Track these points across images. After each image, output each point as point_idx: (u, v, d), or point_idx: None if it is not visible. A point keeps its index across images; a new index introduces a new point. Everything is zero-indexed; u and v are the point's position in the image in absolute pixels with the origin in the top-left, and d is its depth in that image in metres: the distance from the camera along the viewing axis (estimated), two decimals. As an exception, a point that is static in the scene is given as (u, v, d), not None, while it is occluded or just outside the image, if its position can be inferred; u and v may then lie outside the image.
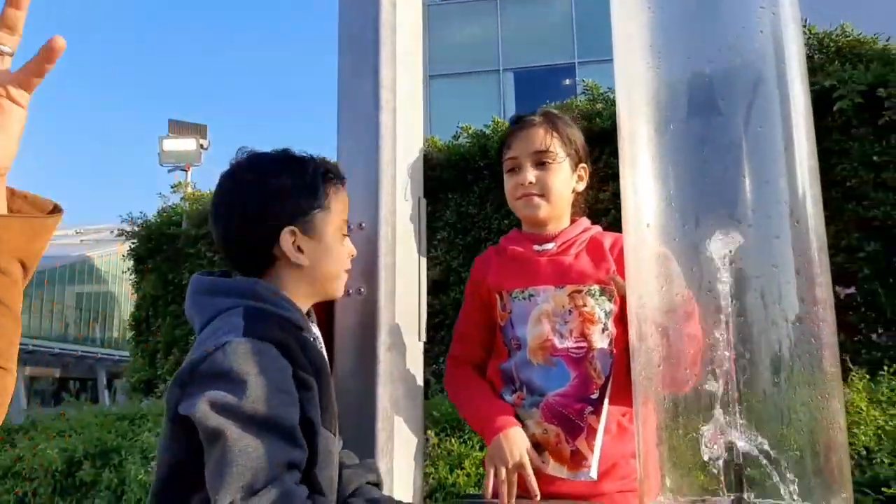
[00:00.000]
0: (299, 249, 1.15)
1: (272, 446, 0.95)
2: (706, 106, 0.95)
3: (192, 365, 1.01)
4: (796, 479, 0.86)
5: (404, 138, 1.44)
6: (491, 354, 1.58)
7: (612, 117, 5.43)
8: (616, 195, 1.56)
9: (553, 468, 1.41)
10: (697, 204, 0.94)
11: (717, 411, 0.92)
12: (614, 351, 1.45)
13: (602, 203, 4.85)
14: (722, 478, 0.92)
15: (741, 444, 0.89)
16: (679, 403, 0.96)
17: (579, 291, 1.46)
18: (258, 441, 0.94)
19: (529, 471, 1.37)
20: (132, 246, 8.27)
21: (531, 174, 1.50)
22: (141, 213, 8.27)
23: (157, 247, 8.07)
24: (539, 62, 16.52)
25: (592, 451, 1.40)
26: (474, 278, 1.61)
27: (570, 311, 1.46)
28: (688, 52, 0.99)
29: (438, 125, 8.74)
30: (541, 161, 1.51)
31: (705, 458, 0.93)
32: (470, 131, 6.47)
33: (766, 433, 0.87)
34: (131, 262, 8.38)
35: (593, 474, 1.39)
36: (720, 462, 0.89)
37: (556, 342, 1.45)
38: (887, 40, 5.03)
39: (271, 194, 1.15)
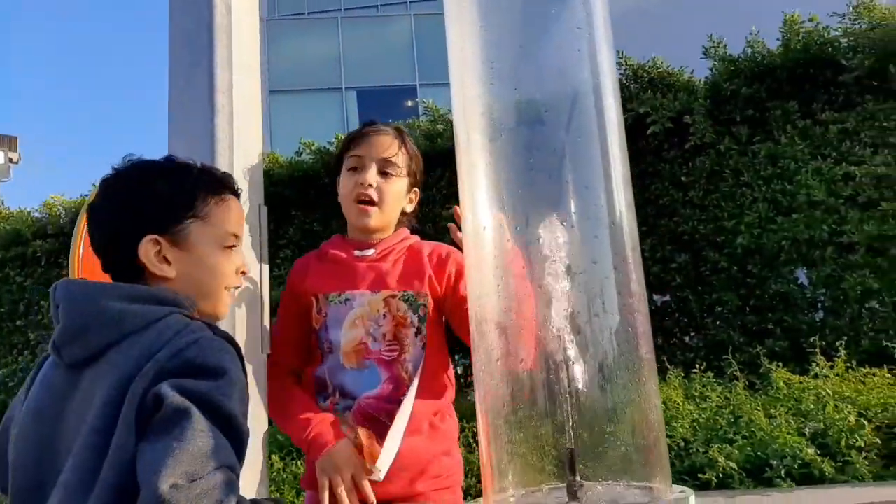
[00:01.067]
0: (165, 260, 1.07)
1: (226, 448, 0.91)
2: (532, 118, 1.02)
3: (163, 360, 0.93)
4: (620, 457, 0.94)
5: (243, 143, 1.41)
6: (307, 360, 1.56)
7: (453, 139, 5.64)
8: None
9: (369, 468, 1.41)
10: (527, 207, 1.00)
11: (547, 397, 0.99)
12: (425, 353, 1.49)
13: (444, 220, 4.99)
14: (556, 463, 0.98)
15: (571, 429, 0.95)
16: (515, 395, 1.01)
17: (394, 297, 1.50)
18: (218, 436, 0.90)
19: (363, 478, 1.38)
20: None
21: (373, 178, 1.52)
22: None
23: (-43, 271, 7.23)
24: (382, 82, 16.73)
25: (386, 451, 1.40)
26: (292, 281, 1.60)
27: (384, 315, 1.49)
28: (514, 67, 1.06)
29: (279, 142, 8.57)
30: (384, 169, 1.54)
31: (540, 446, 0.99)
32: (313, 147, 6.41)
33: (593, 415, 0.94)
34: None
35: (380, 476, 1.39)
36: (554, 449, 0.94)
37: (370, 345, 1.47)
38: (692, 73, 5.62)
39: (143, 199, 1.08)
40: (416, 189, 1.63)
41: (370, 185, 1.51)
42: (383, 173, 1.54)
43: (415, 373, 1.47)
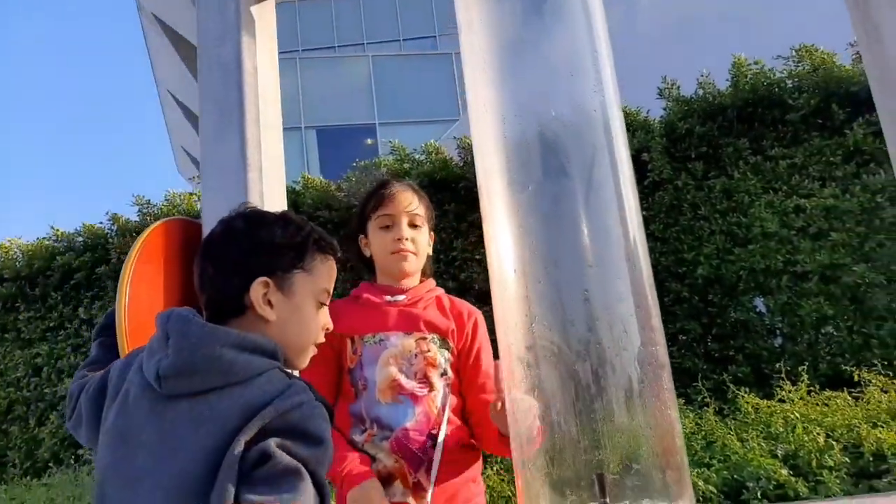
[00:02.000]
0: (269, 303, 1.13)
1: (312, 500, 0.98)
2: (558, 170, 1.13)
3: (268, 418, 0.99)
4: (650, 479, 1.03)
5: (271, 196, 1.49)
6: (340, 398, 1.67)
7: (421, 176, 5.77)
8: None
9: (403, 494, 1.54)
10: (556, 252, 1.11)
11: (578, 425, 1.08)
12: (450, 392, 1.64)
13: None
14: (588, 486, 1.07)
15: (603, 452, 1.05)
16: (545, 421, 1.10)
17: (424, 339, 1.64)
18: (313, 493, 0.98)
19: None
20: None
21: (407, 232, 1.68)
22: None
23: None
24: (341, 121, 16.87)
25: (430, 482, 1.54)
26: None
27: (415, 354, 1.62)
28: (538, 124, 1.18)
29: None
30: (413, 222, 1.70)
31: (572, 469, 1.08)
32: None
33: (623, 440, 1.04)
34: None
35: (428, 500, 1.53)
36: (589, 472, 1.04)
37: (403, 381, 1.60)
38: (647, 112, 5.89)
39: (257, 243, 1.15)
40: (432, 232, 1.79)
41: (407, 239, 1.68)
42: (412, 226, 1.70)
43: (443, 409, 1.61)
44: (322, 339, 1.24)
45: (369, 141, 16.16)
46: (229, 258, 1.16)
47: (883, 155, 5.16)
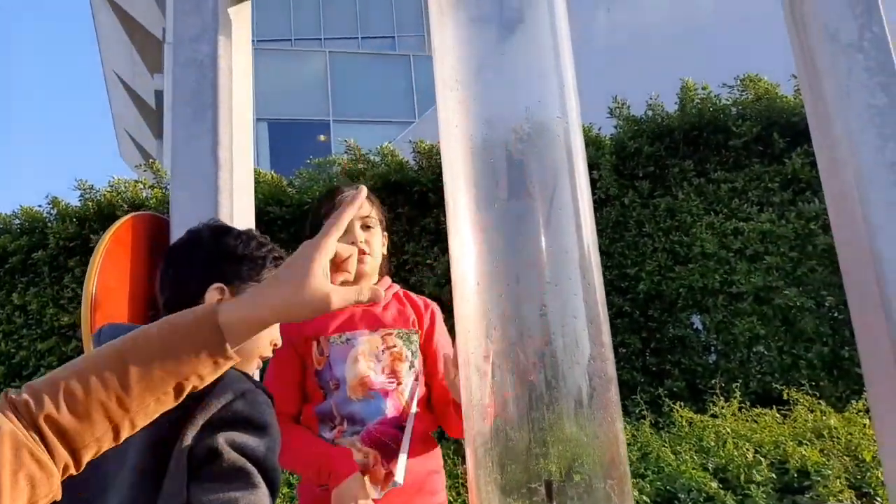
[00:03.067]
0: None
1: (267, 496, 1.01)
2: (522, 190, 1.19)
3: (211, 410, 1.01)
4: (592, 488, 1.10)
5: (240, 194, 1.51)
6: (304, 402, 1.71)
7: (375, 178, 5.79)
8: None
9: (374, 490, 1.59)
10: (517, 267, 1.17)
11: (530, 434, 1.14)
12: (419, 384, 1.71)
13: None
14: (535, 492, 1.13)
15: (552, 459, 1.11)
16: (497, 431, 1.16)
17: (390, 334, 1.71)
18: (264, 488, 1.01)
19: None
20: None
21: (360, 235, 1.72)
22: None
23: None
24: (294, 115, 16.69)
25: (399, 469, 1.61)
26: (287, 330, 1.69)
27: (382, 350, 1.69)
28: (506, 144, 1.23)
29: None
30: (366, 224, 1.76)
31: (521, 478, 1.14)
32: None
33: (571, 449, 1.10)
34: None
35: (399, 480, 1.59)
36: (538, 479, 1.09)
37: (372, 378, 1.66)
38: (599, 129, 6.05)
39: (218, 252, 1.21)
40: (384, 233, 1.85)
41: (361, 242, 1.72)
42: (365, 227, 1.75)
43: (411, 401, 1.68)
44: (269, 354, 1.28)
45: (322, 137, 16.04)
46: (190, 263, 1.21)
47: (818, 184, 5.44)
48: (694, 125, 5.70)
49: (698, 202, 5.52)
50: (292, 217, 5.86)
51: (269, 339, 1.25)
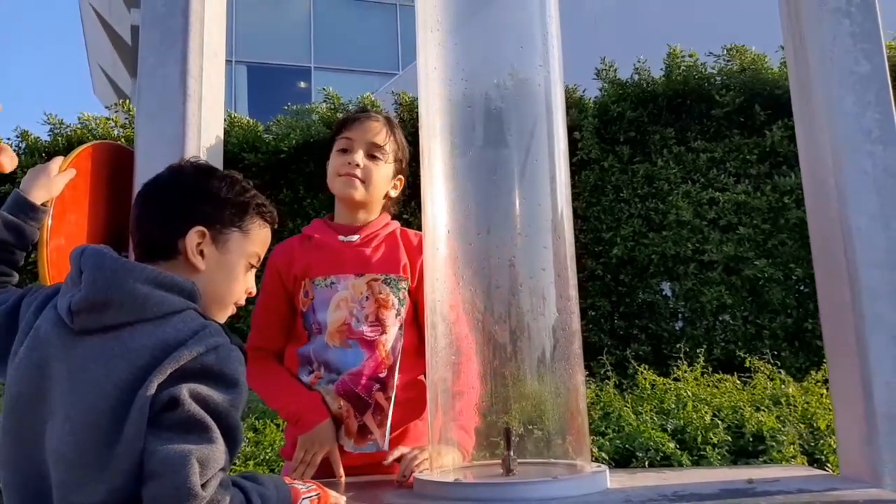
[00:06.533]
0: (201, 253, 1.15)
1: (225, 453, 1.00)
2: (498, 139, 1.17)
3: (182, 360, 1.00)
4: (552, 436, 1.11)
5: (208, 127, 1.46)
6: (290, 340, 1.68)
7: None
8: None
9: (348, 443, 1.57)
10: (489, 217, 1.15)
11: (491, 383, 1.14)
12: (403, 333, 1.63)
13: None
14: (493, 440, 1.14)
15: (510, 410, 1.11)
16: (464, 378, 1.16)
17: (376, 280, 1.62)
18: (221, 442, 0.99)
19: (337, 457, 1.54)
20: None
21: (361, 158, 1.62)
22: None
23: None
24: (275, 60, 16.32)
25: (379, 426, 1.57)
26: (275, 267, 1.68)
27: (367, 297, 1.61)
28: (484, 91, 1.21)
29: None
30: (372, 153, 1.64)
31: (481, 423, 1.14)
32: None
33: (532, 400, 1.11)
34: None
35: (383, 445, 1.56)
36: (500, 427, 1.10)
37: (353, 325, 1.60)
38: (584, 91, 5.99)
39: (202, 192, 1.17)
40: (401, 176, 1.72)
41: (357, 165, 1.62)
42: (371, 156, 1.64)
43: (393, 352, 1.60)
44: (243, 302, 1.26)
45: (302, 84, 15.74)
46: (172, 201, 1.17)
47: (795, 158, 5.45)
48: (678, 92, 5.68)
49: (676, 170, 5.53)
50: (267, 164, 5.77)
51: (243, 286, 1.24)
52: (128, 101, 6.60)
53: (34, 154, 5.94)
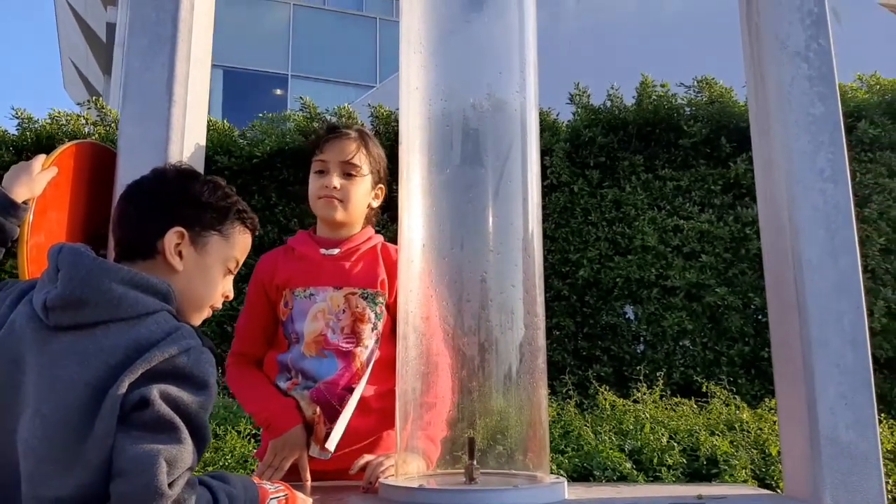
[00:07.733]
0: (179, 254, 1.17)
1: (193, 453, 1.02)
2: (474, 158, 1.22)
3: (154, 361, 1.01)
4: (514, 448, 1.15)
5: (192, 133, 1.49)
6: (272, 347, 1.74)
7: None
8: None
9: (315, 451, 1.60)
10: (463, 233, 1.20)
11: (458, 395, 1.18)
12: (378, 347, 1.67)
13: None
14: (457, 454, 1.18)
15: (475, 421, 1.16)
16: (434, 389, 1.20)
17: (354, 293, 1.67)
18: (189, 443, 1.01)
19: (305, 462, 1.58)
20: None
21: (337, 180, 1.67)
22: None
23: None
24: (252, 66, 16.26)
25: (328, 432, 1.60)
26: (260, 277, 1.74)
27: (343, 310, 1.66)
28: (463, 112, 1.26)
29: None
30: (347, 172, 1.68)
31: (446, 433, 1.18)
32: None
33: (498, 410, 1.15)
34: None
35: (330, 447, 1.58)
36: (464, 437, 1.14)
37: (329, 336, 1.65)
38: (557, 115, 6.11)
39: (183, 195, 1.20)
40: (381, 185, 1.76)
41: (334, 188, 1.67)
42: (346, 175, 1.69)
43: (367, 363, 1.64)
44: (219, 306, 1.29)
45: (279, 91, 15.71)
46: (153, 202, 1.19)
47: (757, 191, 5.64)
48: (648, 121, 5.82)
49: (644, 196, 5.66)
50: (240, 168, 5.75)
51: (220, 290, 1.26)
52: (100, 97, 6.52)
53: (1, 148, 5.84)
